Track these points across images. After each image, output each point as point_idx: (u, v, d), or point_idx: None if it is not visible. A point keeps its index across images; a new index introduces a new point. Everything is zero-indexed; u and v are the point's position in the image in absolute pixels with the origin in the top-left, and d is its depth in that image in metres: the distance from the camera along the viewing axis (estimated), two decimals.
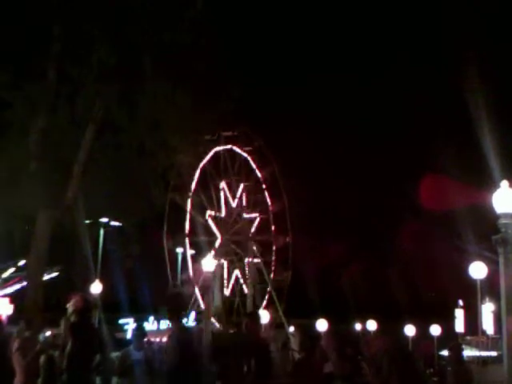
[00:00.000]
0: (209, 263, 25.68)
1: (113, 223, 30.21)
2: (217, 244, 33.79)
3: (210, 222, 34.38)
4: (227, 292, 34.43)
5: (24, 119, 26.72)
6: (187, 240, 32.12)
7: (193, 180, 32.62)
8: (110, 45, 26.77)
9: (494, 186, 18.23)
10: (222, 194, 34.40)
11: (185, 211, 32.44)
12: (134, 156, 27.76)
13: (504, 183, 17.83)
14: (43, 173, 26.83)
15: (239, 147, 34.30)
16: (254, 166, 35.31)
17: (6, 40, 25.72)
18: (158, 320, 36.70)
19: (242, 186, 35.16)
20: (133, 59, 27.16)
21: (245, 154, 34.91)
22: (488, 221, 18.75)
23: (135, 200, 29.07)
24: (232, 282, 35.04)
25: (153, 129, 27.60)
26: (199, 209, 33.43)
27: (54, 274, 30.46)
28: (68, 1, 26.42)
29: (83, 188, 27.89)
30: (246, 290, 36.12)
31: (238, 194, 35.29)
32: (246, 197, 35.52)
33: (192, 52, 27.53)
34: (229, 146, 33.79)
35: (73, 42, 26.93)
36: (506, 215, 17.27)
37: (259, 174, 35.54)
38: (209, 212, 34.24)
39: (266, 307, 37.65)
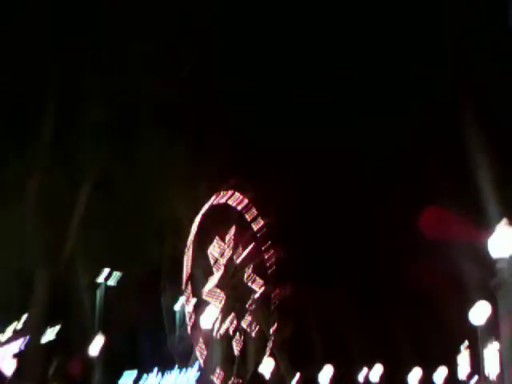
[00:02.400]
0: (207, 319, 25.43)
1: (110, 282, 30.09)
2: (215, 297, 33.56)
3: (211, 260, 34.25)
4: (226, 343, 34.00)
5: (21, 178, 26.70)
6: (185, 294, 31.85)
7: (190, 233, 32.49)
8: (106, 101, 27.07)
9: (491, 227, 18.14)
10: (219, 247, 34.19)
11: (182, 265, 32.21)
12: (131, 210, 27.90)
13: (499, 227, 17.69)
14: (40, 231, 26.82)
15: (235, 200, 34.21)
16: (250, 218, 35.11)
17: (2, 102, 26.00)
18: (162, 372, 36.37)
19: (240, 239, 34.96)
20: (129, 115, 27.52)
21: (240, 207, 34.74)
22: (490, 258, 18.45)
23: (133, 254, 29.02)
24: (231, 332, 34.58)
25: (149, 183, 27.78)
26: (197, 262, 33.16)
27: (54, 332, 30.21)
28: (62, 58, 26.61)
29: (81, 244, 27.91)
30: (246, 339, 35.85)
31: (237, 247, 35.09)
32: (243, 249, 35.26)
33: (187, 107, 27.87)
34: (224, 200, 33.70)
35: (68, 100, 27.09)
36: (503, 260, 17.19)
37: (255, 227, 35.32)
38: (208, 263, 34.00)
39: (270, 356, 37.28)
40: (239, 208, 34.07)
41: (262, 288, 35.63)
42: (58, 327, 30.08)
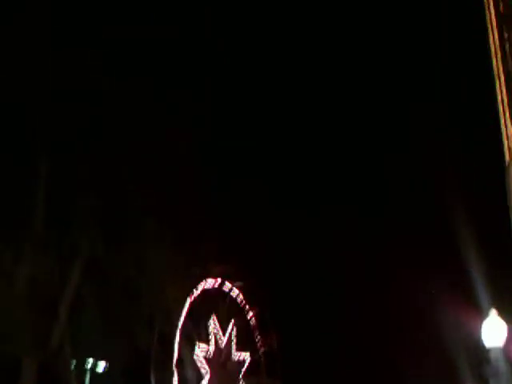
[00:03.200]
0: None
1: (99, 368, 29.57)
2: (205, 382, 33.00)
3: (200, 359, 33.58)
4: None
5: (10, 264, 26.51)
6: (174, 378, 31.30)
7: (181, 314, 32.23)
8: (97, 187, 27.21)
9: (483, 315, 18.29)
10: (211, 329, 33.86)
11: (172, 347, 31.81)
12: (120, 294, 27.64)
13: (490, 317, 17.82)
14: (29, 317, 26.20)
15: (229, 283, 34.08)
16: (243, 303, 34.82)
17: None
18: None
19: (231, 323, 34.60)
20: (119, 200, 27.71)
21: (235, 292, 34.55)
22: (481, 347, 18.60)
23: (122, 340, 28.59)
24: None
25: (138, 266, 27.73)
26: (187, 344, 32.73)
27: None
28: (57, 143, 26.93)
29: (69, 329, 27.61)
30: None
31: (228, 332, 34.74)
32: (236, 335, 34.87)
33: (177, 191, 28.17)
34: (217, 283, 33.63)
35: (60, 186, 27.20)
36: (496, 349, 17.23)
37: (248, 313, 34.97)
38: (197, 348, 33.52)
39: None
40: (233, 292, 33.73)
41: (248, 358, 34.86)
42: None
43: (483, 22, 20.94)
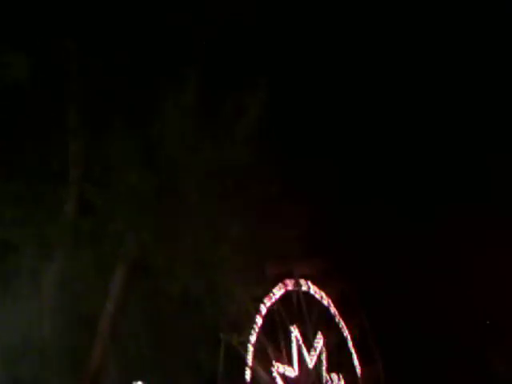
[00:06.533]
0: None
1: None
2: None
3: (278, 381, 27.52)
4: None
5: (35, 264, 21.34)
6: None
7: (254, 324, 26.40)
8: (144, 165, 22.10)
9: None
10: (294, 344, 27.76)
11: (244, 365, 26.03)
12: (175, 305, 22.35)
13: None
14: (61, 334, 21.30)
15: (318, 289, 28.23)
16: (336, 315, 28.81)
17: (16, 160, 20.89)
18: None
19: (321, 338, 28.50)
20: (172, 181, 22.34)
21: (325, 300, 28.61)
22: None
23: (179, 360, 23.36)
24: None
25: (198, 268, 22.08)
26: (263, 361, 26.84)
27: None
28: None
29: (112, 350, 22.30)
30: None
31: (317, 350, 28.55)
32: (327, 353, 28.61)
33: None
34: (304, 287, 27.88)
35: (98, 163, 22.28)
36: None
37: (344, 327, 28.84)
38: (276, 366, 27.54)
39: None
40: (324, 301, 27.96)
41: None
42: None
43: None
